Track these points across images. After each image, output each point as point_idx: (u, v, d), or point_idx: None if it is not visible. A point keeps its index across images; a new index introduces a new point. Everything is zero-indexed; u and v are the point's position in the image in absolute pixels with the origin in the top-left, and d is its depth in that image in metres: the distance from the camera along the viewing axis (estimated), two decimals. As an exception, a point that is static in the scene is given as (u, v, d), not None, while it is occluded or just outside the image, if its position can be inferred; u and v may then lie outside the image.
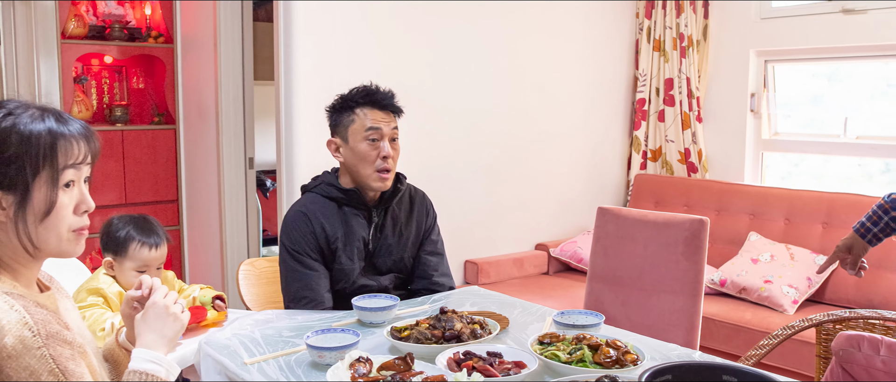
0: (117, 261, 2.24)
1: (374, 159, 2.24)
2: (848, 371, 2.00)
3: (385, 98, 2.27)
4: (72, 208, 1.32)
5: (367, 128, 2.24)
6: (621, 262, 2.63)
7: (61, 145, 1.28)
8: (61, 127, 1.29)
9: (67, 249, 1.33)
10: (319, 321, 2.09)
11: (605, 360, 1.65)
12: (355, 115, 2.25)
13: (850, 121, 4.06)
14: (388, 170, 2.26)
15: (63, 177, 1.29)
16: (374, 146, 2.24)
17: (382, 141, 2.25)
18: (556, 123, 4.45)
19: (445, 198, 3.88)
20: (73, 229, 1.33)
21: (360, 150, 2.24)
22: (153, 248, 2.25)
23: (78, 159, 1.30)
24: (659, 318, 2.52)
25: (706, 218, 2.48)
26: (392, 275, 2.36)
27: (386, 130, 2.25)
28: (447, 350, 1.73)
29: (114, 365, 1.53)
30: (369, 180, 2.26)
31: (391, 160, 2.26)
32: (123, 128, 4.62)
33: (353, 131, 2.25)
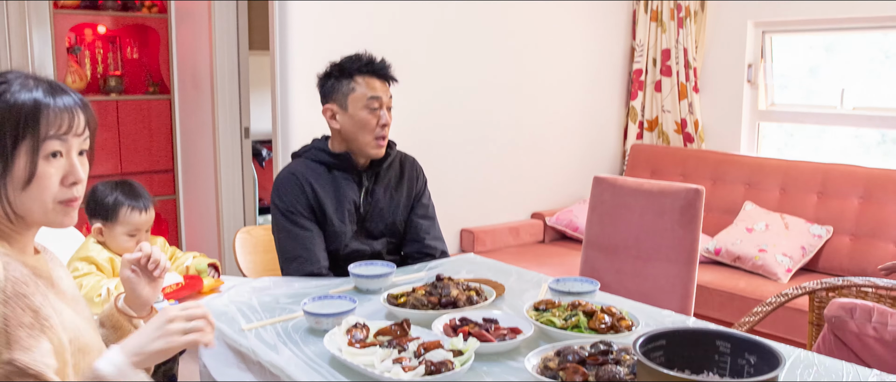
0: (107, 227, 2.25)
1: (373, 127, 2.26)
2: (840, 338, 2.02)
3: (384, 67, 2.31)
4: (58, 179, 1.29)
5: (369, 97, 2.25)
6: (617, 230, 2.64)
7: (45, 114, 1.26)
8: (49, 97, 1.28)
9: (55, 220, 1.31)
10: (316, 288, 2.10)
11: (600, 326, 1.66)
12: (355, 83, 2.26)
13: (847, 92, 4.06)
14: (384, 137, 2.28)
15: (46, 147, 1.26)
16: (374, 114, 2.26)
17: (382, 109, 2.27)
18: (553, 92, 4.44)
19: (442, 167, 3.88)
20: (60, 201, 1.30)
21: (361, 117, 2.26)
22: (143, 211, 2.28)
23: (62, 129, 1.28)
24: (654, 286, 2.54)
25: (701, 187, 2.49)
26: (385, 239, 2.38)
27: (385, 99, 2.29)
28: (443, 316, 1.74)
29: (113, 330, 1.54)
30: (367, 147, 2.28)
31: (387, 128, 2.29)
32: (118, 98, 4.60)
33: (353, 99, 2.26)
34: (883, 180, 3.63)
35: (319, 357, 1.59)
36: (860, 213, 3.64)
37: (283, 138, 3.55)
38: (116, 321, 1.53)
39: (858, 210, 3.65)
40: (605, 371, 1.38)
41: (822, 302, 2.25)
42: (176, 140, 4.51)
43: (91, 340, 1.36)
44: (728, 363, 1.36)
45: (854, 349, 1.97)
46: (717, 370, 1.36)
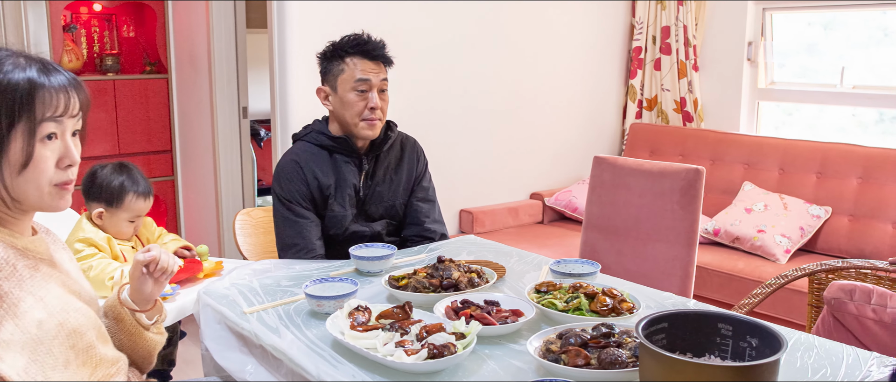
0: (110, 212, 2.25)
1: (361, 110, 2.25)
2: (839, 319, 2.02)
3: (375, 48, 2.26)
4: (54, 162, 1.27)
5: (356, 79, 2.23)
6: (617, 211, 2.63)
7: (40, 95, 1.24)
8: (43, 77, 1.25)
9: (50, 203, 1.29)
10: (317, 270, 2.10)
11: (602, 308, 1.66)
12: (345, 64, 2.24)
13: (847, 70, 4.04)
14: (375, 119, 2.26)
15: (42, 129, 1.24)
16: (362, 97, 2.24)
17: (371, 92, 2.24)
18: (552, 71, 4.42)
19: (440, 148, 3.87)
20: (55, 183, 1.28)
21: (348, 100, 2.24)
22: (147, 197, 2.28)
23: (58, 111, 1.26)
24: (654, 267, 2.54)
25: (702, 168, 2.49)
26: (384, 221, 2.37)
27: (375, 81, 2.25)
28: (445, 298, 1.74)
29: (115, 321, 1.53)
30: (357, 128, 2.27)
31: (379, 110, 2.26)
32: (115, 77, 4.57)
33: (342, 81, 2.25)
34: (881, 159, 3.62)
35: (321, 341, 1.59)
36: (859, 193, 3.65)
37: (282, 118, 3.53)
38: (118, 312, 1.53)
39: (857, 190, 3.66)
40: (607, 353, 1.38)
41: (821, 284, 2.25)
42: (173, 120, 4.49)
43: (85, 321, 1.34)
44: (730, 345, 1.36)
45: (853, 330, 1.98)
46: (719, 352, 1.37)
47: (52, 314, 1.28)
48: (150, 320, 1.57)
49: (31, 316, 1.23)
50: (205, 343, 1.83)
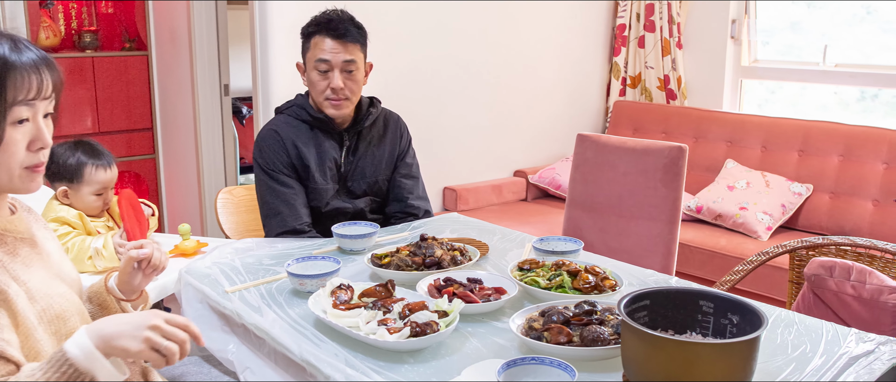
0: (73, 188, 2.23)
1: (323, 90, 2.23)
2: (819, 296, 2.04)
3: (338, 27, 2.20)
4: (25, 145, 1.24)
5: (317, 59, 2.21)
6: (600, 188, 2.64)
7: (12, 78, 1.19)
8: (14, 55, 1.19)
9: (20, 186, 1.26)
10: (299, 249, 2.09)
11: (584, 286, 1.67)
12: (311, 43, 2.22)
13: (830, 48, 4.05)
14: (338, 99, 2.23)
15: (13, 114, 1.20)
16: (323, 77, 2.22)
17: (332, 72, 2.21)
18: (536, 48, 4.40)
19: (424, 125, 3.86)
20: (26, 166, 1.25)
21: (312, 79, 2.24)
22: (107, 168, 2.25)
23: (31, 94, 1.21)
24: (636, 244, 2.55)
25: (685, 145, 2.49)
26: (367, 198, 2.36)
27: (335, 61, 2.20)
28: (428, 276, 1.74)
29: (99, 307, 1.51)
30: (323, 107, 2.26)
31: (346, 91, 2.22)
32: (93, 54, 4.50)
33: (308, 60, 2.24)
34: (863, 137, 3.65)
35: (304, 319, 1.58)
36: (840, 171, 3.67)
37: (264, 96, 3.50)
38: (104, 299, 1.51)
39: (838, 168, 3.68)
40: (589, 331, 1.39)
41: (801, 261, 2.27)
42: (154, 98, 4.44)
43: (69, 306, 1.33)
44: (711, 322, 1.37)
45: (833, 307, 2.00)
46: (701, 329, 1.38)
47: (36, 299, 1.26)
48: (135, 309, 1.56)
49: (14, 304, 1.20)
50: (186, 322, 1.81)
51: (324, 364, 1.38)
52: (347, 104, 2.25)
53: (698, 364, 1.17)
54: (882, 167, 3.57)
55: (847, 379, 1.33)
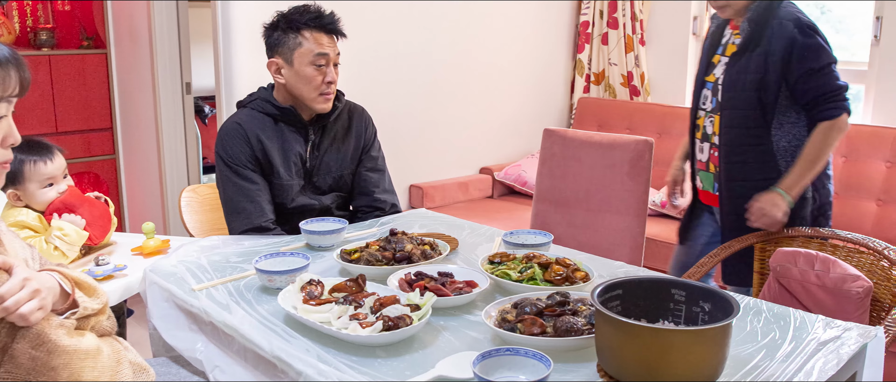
0: (21, 189, 2.18)
1: (319, 84, 2.21)
2: (784, 285, 2.07)
3: (333, 22, 2.23)
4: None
5: (315, 53, 2.18)
6: (567, 183, 2.65)
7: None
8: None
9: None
10: (267, 246, 2.06)
11: (556, 278, 1.67)
12: (303, 37, 2.19)
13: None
14: (331, 94, 2.24)
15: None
16: (320, 72, 2.20)
17: (328, 66, 2.21)
18: (500, 46, 4.41)
19: (389, 122, 3.84)
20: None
21: (306, 73, 2.20)
22: (49, 161, 2.19)
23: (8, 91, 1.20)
24: (604, 238, 2.57)
25: (651, 139, 2.51)
26: (334, 194, 2.34)
27: (332, 55, 2.22)
28: (398, 271, 1.73)
29: None
30: (313, 102, 2.24)
31: (335, 84, 2.25)
32: (50, 53, 4.40)
33: (299, 55, 2.19)
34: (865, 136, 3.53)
35: (274, 316, 1.56)
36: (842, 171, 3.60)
37: (227, 94, 3.45)
38: None
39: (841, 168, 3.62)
40: (562, 321, 1.38)
41: (766, 252, 2.30)
42: (114, 97, 4.35)
43: None
44: (683, 311, 1.38)
45: (798, 295, 2.03)
46: (673, 318, 1.39)
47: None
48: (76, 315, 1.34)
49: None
50: (152, 322, 1.78)
51: (295, 360, 1.36)
52: (332, 98, 2.26)
53: (672, 351, 1.18)
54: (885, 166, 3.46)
55: (816, 363, 1.34)
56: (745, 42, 2.24)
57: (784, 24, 2.20)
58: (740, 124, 2.26)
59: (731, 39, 2.34)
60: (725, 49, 2.36)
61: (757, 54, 2.22)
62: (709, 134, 2.37)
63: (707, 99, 2.37)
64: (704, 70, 2.38)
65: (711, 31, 2.41)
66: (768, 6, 2.24)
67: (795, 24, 2.20)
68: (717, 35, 2.38)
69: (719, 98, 2.31)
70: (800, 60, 2.18)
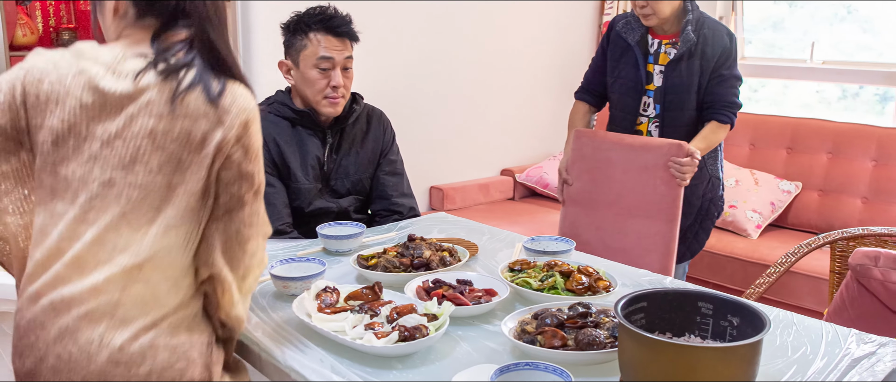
0: None
1: (323, 88, 2.18)
2: (864, 285, 2.03)
3: (341, 25, 2.16)
4: None
5: (319, 56, 2.15)
6: (598, 186, 2.58)
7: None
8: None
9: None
10: (283, 250, 2.03)
11: (578, 287, 1.62)
12: (309, 40, 2.16)
13: (817, 45, 4.04)
14: (337, 98, 2.19)
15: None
16: (324, 75, 2.17)
17: (334, 70, 2.16)
18: (522, 46, 4.36)
19: (409, 123, 3.80)
20: None
21: (310, 77, 2.17)
22: None
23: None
24: (635, 242, 2.50)
25: (684, 142, 2.44)
26: (352, 198, 2.31)
27: (338, 59, 2.17)
28: (416, 278, 1.69)
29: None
30: (318, 105, 2.21)
31: (343, 88, 2.19)
32: (72, 52, 4.41)
33: (304, 57, 2.17)
34: (851, 134, 3.63)
35: (288, 324, 1.53)
36: (829, 168, 3.65)
37: (247, 94, 3.43)
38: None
39: (827, 166, 3.66)
40: (584, 334, 1.34)
41: (842, 252, 2.28)
42: (134, 96, 4.35)
43: None
44: (710, 324, 1.32)
45: (878, 295, 1.98)
46: (700, 332, 1.33)
47: None
48: None
49: None
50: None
51: (308, 371, 1.32)
52: (342, 102, 2.22)
53: (699, 368, 1.12)
54: (871, 164, 3.55)
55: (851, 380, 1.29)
56: (689, 50, 2.46)
57: (717, 32, 2.48)
58: (681, 124, 2.52)
59: (662, 49, 2.54)
60: (657, 58, 2.55)
61: (694, 60, 2.47)
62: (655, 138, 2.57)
63: (648, 106, 2.57)
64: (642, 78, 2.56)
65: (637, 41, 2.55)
66: (700, 16, 2.49)
67: (726, 32, 2.50)
68: (643, 44, 2.56)
69: (662, 104, 2.53)
70: (724, 65, 2.47)
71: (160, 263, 1.25)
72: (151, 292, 1.24)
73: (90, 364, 1.20)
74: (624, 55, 2.60)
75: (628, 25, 2.57)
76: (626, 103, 2.61)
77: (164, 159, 1.23)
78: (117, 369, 1.21)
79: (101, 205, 1.23)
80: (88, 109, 1.23)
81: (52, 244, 1.23)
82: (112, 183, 1.22)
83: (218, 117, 1.25)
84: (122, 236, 1.22)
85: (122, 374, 1.21)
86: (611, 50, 2.65)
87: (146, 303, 1.24)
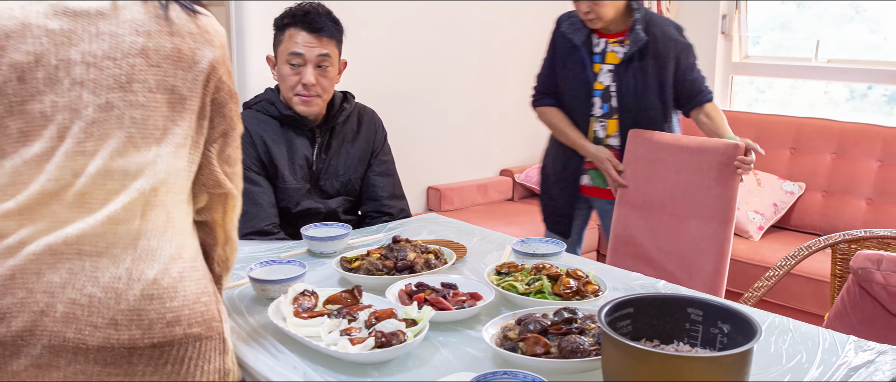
0: None
1: (293, 85, 2.13)
2: (866, 289, 1.97)
3: (314, 20, 2.09)
4: None
5: (289, 52, 2.11)
6: (652, 187, 2.53)
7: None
8: None
9: None
10: (267, 252, 1.98)
11: (565, 291, 1.56)
12: (285, 35, 2.12)
13: (822, 44, 3.97)
14: (310, 96, 2.13)
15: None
16: (295, 71, 2.12)
17: (305, 67, 2.10)
18: (522, 44, 4.30)
19: (407, 122, 3.75)
20: None
21: (283, 73, 2.14)
22: None
23: None
24: (688, 244, 2.44)
25: (741, 143, 2.38)
26: (341, 199, 2.25)
27: (309, 56, 2.10)
28: (399, 281, 1.63)
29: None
30: (292, 103, 2.16)
31: (318, 87, 2.12)
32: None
33: (280, 53, 2.14)
34: (856, 134, 3.56)
35: (264, 329, 1.47)
36: (833, 169, 3.58)
37: (241, 93, 3.38)
38: None
39: (831, 166, 3.59)
40: (568, 341, 1.28)
41: (844, 254, 2.22)
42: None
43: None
44: (700, 332, 1.27)
45: (880, 299, 1.92)
46: (689, 339, 1.28)
47: None
48: None
49: None
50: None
51: (280, 378, 1.27)
52: (318, 102, 2.15)
53: (685, 379, 1.07)
54: (876, 165, 3.48)
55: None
56: (641, 50, 2.45)
57: (665, 29, 2.48)
58: (642, 123, 2.51)
59: (609, 48, 2.51)
60: (605, 57, 2.52)
61: (647, 61, 2.46)
62: (601, 138, 2.58)
63: (594, 105, 2.55)
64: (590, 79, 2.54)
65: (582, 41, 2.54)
66: (646, 14, 2.49)
67: (674, 26, 2.51)
68: (589, 44, 2.53)
69: (614, 104, 2.52)
70: (685, 58, 2.49)
71: (172, 186, 1.20)
72: (168, 218, 1.19)
73: (119, 302, 1.12)
74: (570, 55, 2.57)
75: (573, 25, 2.54)
76: (577, 104, 2.58)
77: (160, 76, 1.19)
78: (152, 304, 1.14)
79: (100, 132, 1.15)
80: (57, 34, 1.15)
81: (36, 190, 1.12)
82: (110, 106, 1.15)
83: (203, 36, 1.24)
84: (131, 160, 1.16)
85: (157, 308, 1.14)
86: (558, 50, 2.62)
87: (165, 231, 1.18)
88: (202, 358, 1.20)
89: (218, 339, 1.23)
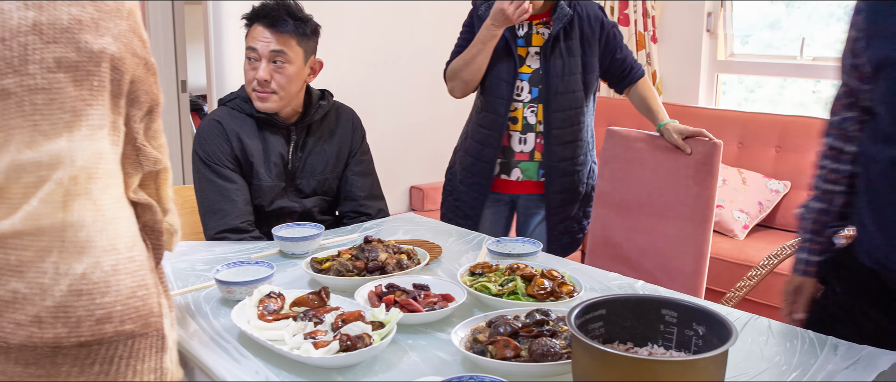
0: None
1: (250, 80, 2.09)
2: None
3: (272, 14, 2.04)
4: None
5: (246, 47, 2.08)
6: (629, 186, 2.49)
7: None
8: None
9: None
10: (238, 253, 1.93)
11: (539, 292, 1.52)
12: (248, 31, 2.10)
13: (808, 42, 3.94)
14: (265, 92, 2.07)
15: None
16: (251, 66, 2.08)
17: (260, 61, 2.06)
18: (507, 43, 4.26)
19: (390, 122, 3.71)
20: None
21: (244, 68, 2.11)
22: None
23: None
24: (666, 244, 2.41)
25: (719, 141, 2.35)
26: (317, 198, 2.21)
27: (263, 51, 2.05)
28: (369, 282, 1.59)
29: None
30: (252, 99, 2.12)
31: (274, 84, 2.07)
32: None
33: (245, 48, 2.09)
34: (842, 132, 3.53)
35: (228, 332, 1.43)
36: (818, 167, 3.55)
37: (219, 91, 3.33)
38: None
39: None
40: (538, 344, 1.24)
41: None
42: (109, 94, 4.26)
43: None
44: (675, 334, 1.23)
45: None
46: (663, 341, 1.24)
47: None
48: None
49: None
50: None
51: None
52: (274, 99, 2.08)
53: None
54: None
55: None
56: (565, 28, 2.36)
57: (589, 9, 2.41)
58: (568, 107, 2.40)
59: (534, 30, 2.41)
60: (529, 40, 2.41)
61: (572, 41, 2.38)
62: (532, 124, 2.44)
63: (522, 90, 2.42)
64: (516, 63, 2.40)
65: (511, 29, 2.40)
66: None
67: (598, 7, 2.46)
68: (512, 28, 2.39)
69: (542, 87, 2.39)
70: (615, 37, 2.45)
71: (94, 172, 1.09)
72: (96, 206, 1.09)
73: (45, 298, 1.04)
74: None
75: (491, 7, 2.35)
76: (500, 89, 2.40)
77: (59, 53, 1.06)
78: (80, 300, 1.05)
79: (1, 123, 1.04)
80: None
81: None
82: (7, 93, 1.03)
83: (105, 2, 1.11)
84: (41, 150, 1.05)
85: (86, 305, 1.06)
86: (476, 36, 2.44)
87: (94, 221, 1.08)
88: (134, 357, 1.11)
89: (155, 336, 1.13)
